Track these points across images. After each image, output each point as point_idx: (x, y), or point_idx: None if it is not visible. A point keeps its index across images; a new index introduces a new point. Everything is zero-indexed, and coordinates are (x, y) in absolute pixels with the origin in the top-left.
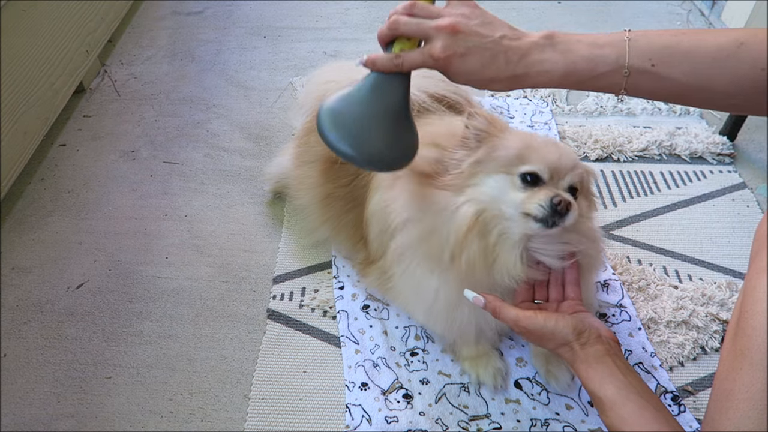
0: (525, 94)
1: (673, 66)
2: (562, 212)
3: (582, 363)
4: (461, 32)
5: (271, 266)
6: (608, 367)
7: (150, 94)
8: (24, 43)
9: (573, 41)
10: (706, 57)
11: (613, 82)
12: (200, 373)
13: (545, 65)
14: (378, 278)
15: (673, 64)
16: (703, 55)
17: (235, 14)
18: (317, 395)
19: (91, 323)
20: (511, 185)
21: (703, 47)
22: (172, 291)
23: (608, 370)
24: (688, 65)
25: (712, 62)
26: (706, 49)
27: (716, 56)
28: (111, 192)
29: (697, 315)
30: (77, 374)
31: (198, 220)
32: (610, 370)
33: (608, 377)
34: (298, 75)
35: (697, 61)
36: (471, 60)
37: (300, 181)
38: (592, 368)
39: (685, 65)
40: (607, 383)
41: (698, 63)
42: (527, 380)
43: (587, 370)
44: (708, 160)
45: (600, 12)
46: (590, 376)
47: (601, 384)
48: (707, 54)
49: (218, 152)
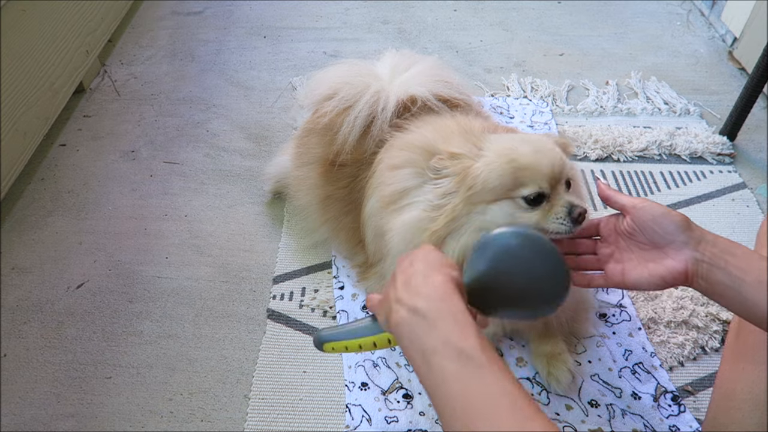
0: (525, 94)
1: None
2: (581, 221)
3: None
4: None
5: (271, 266)
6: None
7: (150, 94)
8: (24, 43)
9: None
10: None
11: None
12: (200, 373)
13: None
14: (377, 283)
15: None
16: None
17: (235, 14)
18: (317, 395)
19: (91, 323)
20: (517, 208)
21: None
22: (172, 291)
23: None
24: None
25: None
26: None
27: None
28: (111, 192)
29: (697, 315)
30: (77, 374)
31: (198, 220)
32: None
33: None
34: (298, 75)
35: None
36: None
37: (299, 182)
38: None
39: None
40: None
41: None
42: (527, 380)
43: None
44: (708, 160)
45: (600, 12)
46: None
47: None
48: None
49: (218, 152)
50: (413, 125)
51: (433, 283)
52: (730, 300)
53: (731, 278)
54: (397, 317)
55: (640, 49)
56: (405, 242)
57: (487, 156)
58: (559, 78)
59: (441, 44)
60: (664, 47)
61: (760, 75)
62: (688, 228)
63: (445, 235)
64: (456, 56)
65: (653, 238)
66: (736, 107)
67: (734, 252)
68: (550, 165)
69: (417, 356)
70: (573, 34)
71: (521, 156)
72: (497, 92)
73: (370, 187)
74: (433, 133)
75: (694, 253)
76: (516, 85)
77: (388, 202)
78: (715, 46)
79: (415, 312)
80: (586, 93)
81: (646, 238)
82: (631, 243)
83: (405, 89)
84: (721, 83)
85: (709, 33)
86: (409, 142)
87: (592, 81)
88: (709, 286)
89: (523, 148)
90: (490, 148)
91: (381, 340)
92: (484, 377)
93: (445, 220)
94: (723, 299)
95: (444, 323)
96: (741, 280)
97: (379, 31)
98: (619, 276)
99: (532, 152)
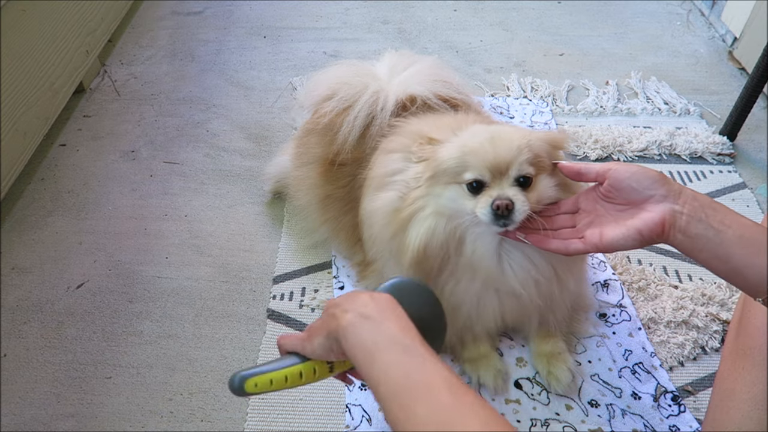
0: (525, 94)
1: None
2: (504, 214)
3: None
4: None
5: (271, 266)
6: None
7: (150, 94)
8: (24, 43)
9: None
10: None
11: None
12: (200, 373)
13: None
14: (375, 281)
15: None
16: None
17: (235, 14)
18: (317, 395)
19: (91, 323)
20: (462, 194)
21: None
22: (172, 291)
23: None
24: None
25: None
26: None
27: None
28: (111, 192)
29: (697, 315)
30: (77, 374)
31: (198, 220)
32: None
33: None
34: (298, 75)
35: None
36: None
37: (299, 182)
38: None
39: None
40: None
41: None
42: (527, 380)
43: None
44: (708, 160)
45: (600, 12)
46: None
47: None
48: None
49: (218, 152)
50: (415, 119)
51: (380, 298)
52: (710, 255)
53: (713, 231)
54: (345, 320)
55: (640, 49)
56: (380, 223)
57: (452, 142)
58: (559, 78)
59: (441, 44)
60: (664, 47)
61: (760, 75)
62: (666, 182)
63: (409, 217)
64: (456, 56)
65: (631, 196)
66: (736, 107)
67: (715, 207)
68: (494, 155)
69: (362, 354)
70: (573, 34)
71: (471, 143)
72: (497, 92)
73: (367, 185)
74: (429, 125)
75: (673, 206)
76: (516, 85)
77: (377, 185)
78: (715, 46)
79: (363, 315)
80: (586, 93)
81: (624, 197)
82: (609, 207)
83: (404, 88)
84: (721, 83)
85: (709, 33)
86: (406, 129)
87: (592, 81)
88: (689, 239)
89: (479, 136)
90: (460, 135)
91: (307, 370)
92: (425, 365)
93: (411, 200)
94: (703, 254)
95: (389, 323)
96: (722, 233)
97: (379, 31)
98: (597, 238)
99: (481, 141)
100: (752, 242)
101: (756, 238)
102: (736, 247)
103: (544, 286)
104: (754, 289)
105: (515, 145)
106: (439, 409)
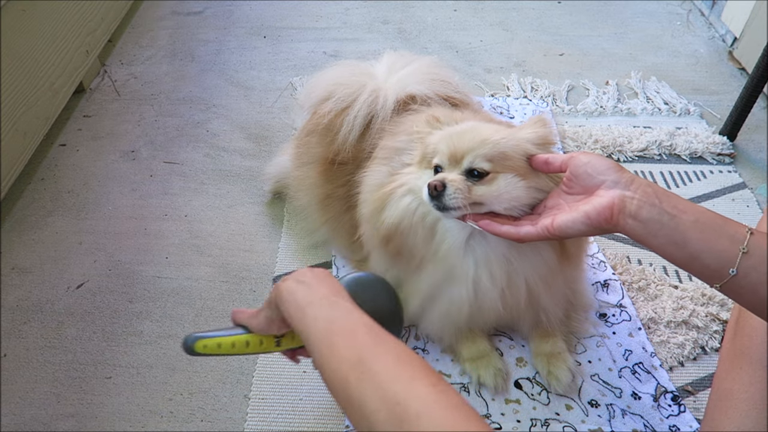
0: (525, 94)
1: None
2: (432, 194)
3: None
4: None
5: (271, 266)
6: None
7: (150, 94)
8: (24, 43)
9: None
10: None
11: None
12: (200, 373)
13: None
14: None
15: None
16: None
17: (235, 14)
18: (317, 395)
19: (91, 323)
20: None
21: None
22: (172, 291)
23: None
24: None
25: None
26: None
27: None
28: (111, 192)
29: (697, 315)
30: (77, 374)
31: (198, 220)
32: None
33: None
34: (298, 75)
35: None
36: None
37: (299, 182)
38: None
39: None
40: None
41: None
42: (527, 380)
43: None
44: (708, 160)
45: (600, 12)
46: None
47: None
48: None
49: (218, 152)
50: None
51: (318, 270)
52: (666, 240)
53: (667, 216)
54: (284, 285)
55: (640, 49)
56: (367, 199)
57: (443, 130)
58: (559, 78)
59: (441, 44)
60: (664, 47)
61: (760, 75)
62: (619, 169)
63: (390, 193)
64: (456, 56)
65: (587, 183)
66: (736, 107)
67: (669, 194)
68: (454, 146)
69: (295, 310)
70: (573, 34)
71: (448, 133)
72: (497, 92)
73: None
74: (442, 111)
75: (624, 191)
76: (516, 85)
77: (380, 157)
78: (715, 46)
79: (299, 281)
80: (586, 93)
81: (582, 184)
82: (570, 199)
83: (402, 87)
84: (721, 83)
85: (709, 33)
86: (416, 116)
87: (592, 81)
88: (641, 224)
89: (458, 128)
90: (451, 126)
91: (254, 339)
92: (350, 315)
93: (396, 179)
94: (657, 239)
95: (321, 287)
96: (677, 218)
97: (379, 31)
98: (548, 222)
99: (454, 132)
100: (709, 226)
101: (713, 221)
102: (692, 231)
103: (518, 284)
104: (712, 275)
105: (478, 140)
106: (359, 345)
